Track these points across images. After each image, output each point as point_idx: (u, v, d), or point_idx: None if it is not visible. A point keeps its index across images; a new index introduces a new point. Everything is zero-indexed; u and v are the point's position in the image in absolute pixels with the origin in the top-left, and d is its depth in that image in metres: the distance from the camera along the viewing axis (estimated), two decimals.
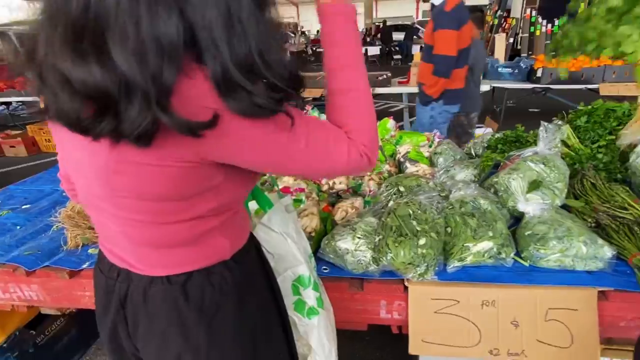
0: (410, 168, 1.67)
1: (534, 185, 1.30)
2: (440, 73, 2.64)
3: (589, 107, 1.87)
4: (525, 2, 12.98)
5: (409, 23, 16.84)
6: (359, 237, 1.21)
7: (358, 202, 1.42)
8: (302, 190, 1.39)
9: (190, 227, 0.66)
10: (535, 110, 6.49)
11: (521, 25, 11.71)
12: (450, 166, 1.63)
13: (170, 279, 0.69)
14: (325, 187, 1.57)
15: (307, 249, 1.05)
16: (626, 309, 1.09)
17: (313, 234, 1.35)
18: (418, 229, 1.16)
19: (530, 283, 1.12)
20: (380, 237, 1.19)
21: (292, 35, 18.82)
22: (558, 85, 4.58)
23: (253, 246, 0.83)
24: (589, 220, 1.36)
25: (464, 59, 2.73)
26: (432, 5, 2.69)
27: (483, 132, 5.05)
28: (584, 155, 1.65)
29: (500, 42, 5.03)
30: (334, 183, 1.56)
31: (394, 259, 1.11)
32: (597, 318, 1.08)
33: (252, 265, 0.80)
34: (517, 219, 1.37)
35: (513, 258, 1.20)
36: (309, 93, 4.91)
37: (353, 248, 1.20)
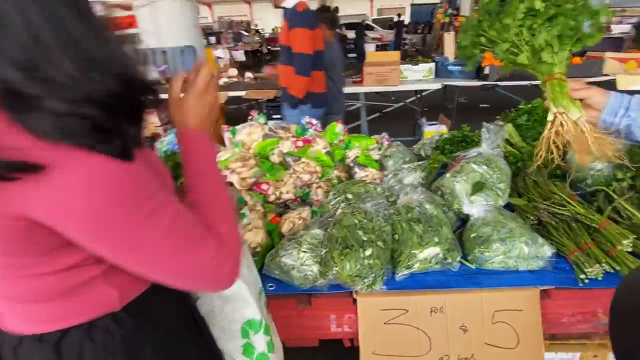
0: (359, 173, 1.66)
1: (478, 187, 1.33)
2: (302, 72, 2.72)
3: (529, 106, 1.97)
4: (473, 1, 13.70)
5: (359, 21, 17.14)
6: (304, 251, 1.17)
7: (305, 212, 1.38)
8: (244, 205, 1.33)
9: (60, 279, 0.58)
10: (486, 105, 6.84)
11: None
12: (398, 170, 1.64)
13: (41, 337, 0.61)
14: (272, 198, 1.52)
15: (258, 283, 0.99)
16: (567, 306, 1.15)
17: (258, 249, 1.30)
18: (364, 238, 1.15)
19: (477, 286, 1.15)
20: (326, 249, 1.17)
21: (246, 34, 18.51)
22: (505, 82, 4.82)
23: (165, 291, 0.69)
24: (532, 217, 1.42)
25: (319, 62, 2.86)
26: (285, 9, 2.79)
27: (437, 129, 5.28)
28: (526, 153, 1.73)
29: (449, 41, 5.22)
30: (280, 193, 1.51)
31: (340, 272, 1.09)
32: (541, 316, 1.12)
33: (159, 314, 0.70)
34: (463, 220, 1.40)
35: (460, 261, 1.22)
36: (261, 94, 4.82)
37: (299, 263, 1.17)
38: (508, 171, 1.42)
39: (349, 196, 1.41)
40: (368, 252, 1.11)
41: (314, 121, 1.83)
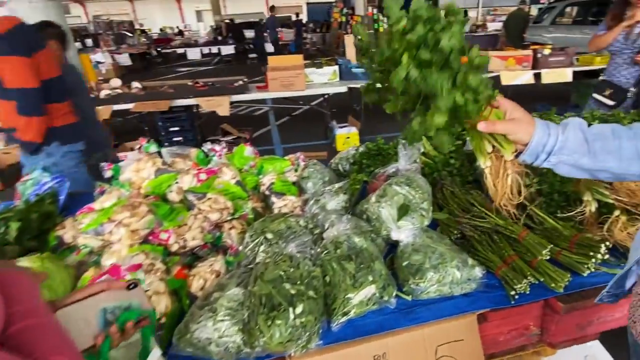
0: (277, 203, 1.52)
1: (403, 211, 1.30)
2: (28, 111, 2.02)
3: None
4: (366, 0, 14.52)
5: (257, 20, 16.97)
6: (221, 320, 0.99)
7: (218, 263, 1.19)
8: (137, 267, 1.09)
9: None
10: None
11: (366, 22, 13.06)
12: (319, 194, 1.54)
13: None
14: (175, 247, 1.29)
15: None
16: (503, 325, 1.17)
17: (163, 320, 1.07)
18: (293, 292, 1.01)
19: (416, 322, 1.10)
20: (249, 311, 1.00)
21: (130, 35, 16.92)
22: None
23: None
24: (455, 232, 1.44)
25: (57, 93, 2.17)
26: None
27: (347, 131, 5.40)
28: (440, 163, 1.78)
29: (349, 43, 5.37)
30: (185, 240, 1.29)
31: (269, 342, 0.94)
32: (480, 341, 1.12)
33: None
34: (393, 245, 1.36)
35: (396, 294, 1.16)
36: (154, 107, 4.36)
37: (216, 335, 0.98)
38: (428, 188, 1.41)
39: (269, 236, 1.26)
40: (299, 309, 0.98)
41: (218, 147, 1.63)
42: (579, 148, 0.83)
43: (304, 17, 23.75)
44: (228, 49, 14.94)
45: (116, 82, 4.68)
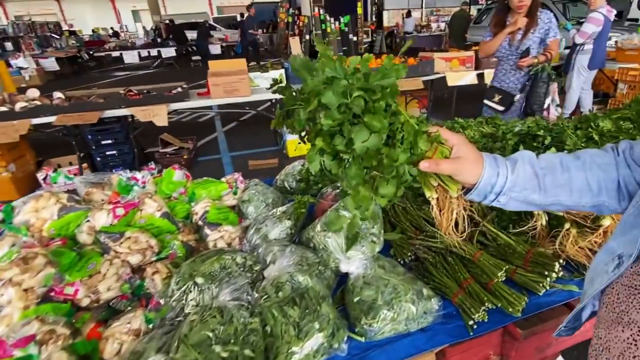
0: (211, 235, 1.35)
1: (353, 240, 1.19)
2: None
3: None
4: (312, 0, 14.51)
5: (200, 20, 16.39)
6: None
7: (137, 321, 1.01)
8: (29, 339, 0.89)
9: None
10: None
11: (313, 22, 13.04)
12: (260, 222, 1.39)
13: None
14: (85, 302, 1.09)
15: None
16: (465, 357, 1.09)
17: None
18: (224, 355, 0.86)
19: None
20: None
21: (56, 37, 15.65)
22: None
23: None
24: (409, 254, 1.36)
25: None
26: None
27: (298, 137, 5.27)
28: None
29: (296, 45, 5.26)
30: (98, 292, 1.09)
31: None
32: None
33: None
34: (343, 275, 1.25)
35: (348, 335, 1.05)
36: (80, 119, 3.97)
37: None
38: (378, 210, 1.32)
39: (199, 280, 1.09)
40: None
41: (139, 175, 1.44)
42: (529, 184, 0.78)
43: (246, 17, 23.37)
44: (169, 52, 14.25)
45: (33, 92, 4.21)
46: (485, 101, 3.30)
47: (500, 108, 3.17)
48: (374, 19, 19.19)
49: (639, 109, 2.00)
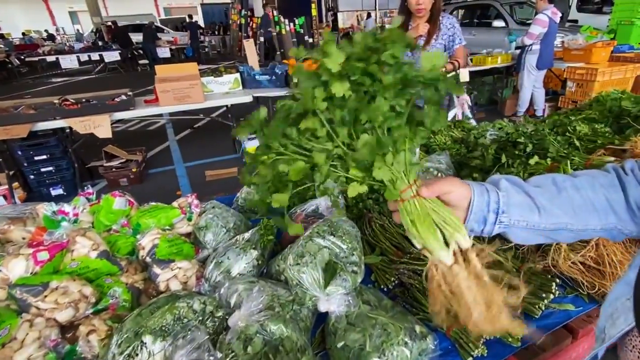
0: (162, 275, 1.15)
1: (331, 273, 1.04)
2: None
3: None
4: (264, 2, 14.30)
5: (145, 22, 15.63)
6: None
7: None
8: None
9: None
10: None
11: (266, 22, 12.84)
12: (221, 255, 1.21)
13: None
14: None
15: None
16: None
17: None
18: None
19: None
20: None
21: None
22: None
23: None
24: (392, 279, 1.24)
25: None
26: None
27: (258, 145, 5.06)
28: (365, 192, 1.57)
29: (250, 49, 5.05)
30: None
31: None
32: None
33: None
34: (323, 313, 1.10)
35: None
36: (5, 134, 3.53)
37: None
38: (356, 232, 1.18)
39: (148, 339, 0.90)
40: None
41: (68, 207, 1.20)
42: (524, 202, 0.69)
43: (199, 19, 22.67)
44: (112, 55, 13.43)
45: None
46: None
47: None
48: (329, 21, 19.30)
49: (602, 109, 2.02)
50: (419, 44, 2.68)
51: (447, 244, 0.64)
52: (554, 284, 1.09)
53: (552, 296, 1.09)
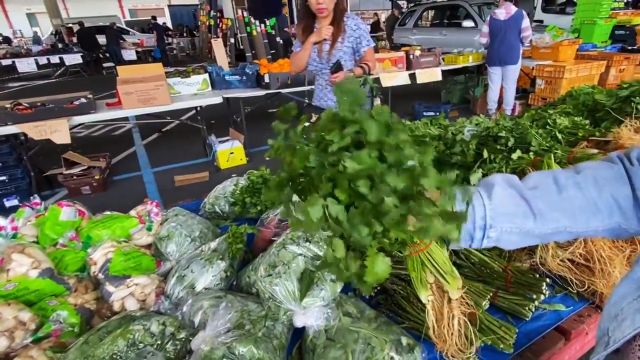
0: (116, 294, 1.02)
1: (308, 284, 0.94)
2: None
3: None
4: (234, 3, 14.08)
5: (108, 24, 15.11)
6: None
7: None
8: None
9: None
10: (274, 110, 6.96)
11: (237, 25, 12.63)
12: (184, 268, 1.09)
13: None
14: None
15: None
16: None
17: None
18: None
19: None
20: None
21: None
22: (287, 89, 4.87)
23: None
24: (374, 287, 1.16)
25: None
26: None
27: (230, 146, 4.90)
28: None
29: (219, 48, 4.90)
30: None
31: None
32: None
33: None
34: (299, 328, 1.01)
35: None
36: None
37: None
38: None
39: None
40: None
41: (3, 220, 1.06)
42: (518, 209, 0.65)
43: (167, 21, 22.17)
44: (74, 58, 12.86)
45: None
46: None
47: None
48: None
49: (576, 103, 2.02)
50: (324, 46, 2.52)
51: None
52: (544, 283, 1.03)
53: (542, 297, 1.03)
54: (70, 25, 16.06)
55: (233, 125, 5.50)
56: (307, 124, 0.68)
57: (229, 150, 4.71)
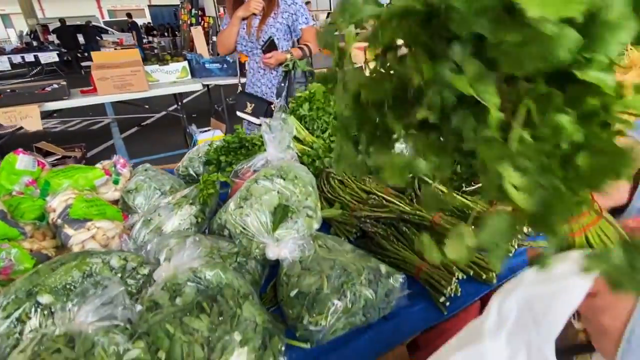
0: (75, 237, 0.95)
1: (281, 215, 0.89)
2: None
3: (307, 92, 1.73)
4: (216, 1, 13.96)
5: (83, 23, 14.87)
6: None
7: None
8: None
9: None
10: None
11: (219, 22, 12.52)
12: (151, 212, 1.03)
13: None
14: None
15: None
16: (439, 344, 0.86)
17: None
18: None
19: None
20: None
21: None
22: None
23: None
24: (353, 231, 1.11)
25: None
26: None
27: (211, 135, 4.81)
28: (321, 149, 1.45)
29: (199, 36, 4.82)
30: None
31: None
32: None
33: None
34: (274, 265, 0.96)
35: (288, 343, 0.75)
36: None
37: None
38: (311, 179, 1.05)
39: (45, 300, 0.71)
40: None
41: None
42: None
43: (147, 21, 21.92)
44: (49, 57, 12.54)
45: None
46: (238, 113, 2.49)
47: (256, 120, 2.39)
48: None
49: None
50: (253, 22, 2.24)
51: None
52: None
53: (525, 234, 1.01)
54: (46, 24, 15.69)
55: (214, 116, 5.41)
56: None
57: (210, 140, 4.62)
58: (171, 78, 4.43)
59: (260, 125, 2.18)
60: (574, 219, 0.42)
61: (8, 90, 3.66)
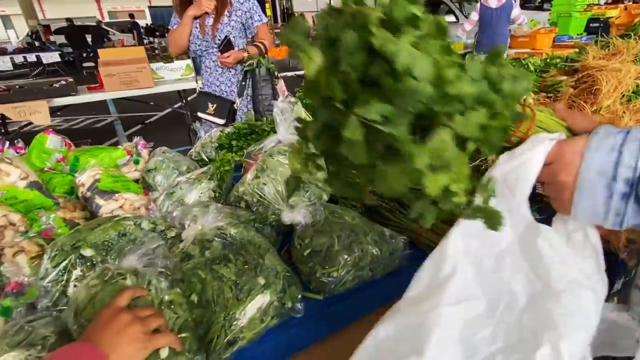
0: (105, 206, 1.05)
1: (295, 184, 0.98)
2: None
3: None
4: None
5: (94, 23, 14.99)
6: None
7: None
8: None
9: None
10: None
11: None
12: (173, 186, 1.13)
13: None
14: None
15: None
16: None
17: None
18: None
19: (332, 329, 0.80)
20: None
21: None
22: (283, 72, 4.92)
23: None
24: (358, 205, 1.21)
25: None
26: None
27: (215, 132, 4.91)
28: None
29: None
30: None
31: None
32: None
33: None
34: (287, 233, 1.05)
35: (303, 296, 0.85)
36: None
37: None
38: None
39: (87, 253, 0.80)
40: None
41: None
42: None
43: (148, 22, 22.06)
44: (51, 57, 12.65)
45: None
46: (199, 114, 2.46)
47: (220, 121, 2.37)
48: (283, 22, 19.36)
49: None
50: (207, 21, 2.22)
51: None
52: None
53: None
54: (46, 24, 15.80)
55: None
56: None
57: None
58: (175, 75, 4.53)
59: (224, 125, 2.25)
60: (514, 132, 0.54)
61: (17, 86, 3.76)
